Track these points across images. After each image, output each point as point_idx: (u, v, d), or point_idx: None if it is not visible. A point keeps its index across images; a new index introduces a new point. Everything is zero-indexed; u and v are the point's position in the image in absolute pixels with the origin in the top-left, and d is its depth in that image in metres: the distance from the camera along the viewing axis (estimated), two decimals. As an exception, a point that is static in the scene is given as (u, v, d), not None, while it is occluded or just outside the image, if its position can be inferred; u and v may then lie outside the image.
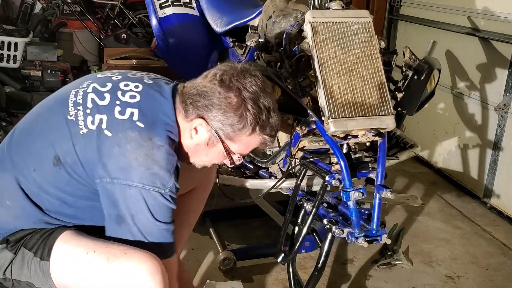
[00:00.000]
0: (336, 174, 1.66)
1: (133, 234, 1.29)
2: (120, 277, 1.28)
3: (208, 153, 1.41)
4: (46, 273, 1.32)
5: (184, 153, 1.43)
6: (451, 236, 2.74)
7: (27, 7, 4.83)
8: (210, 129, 1.35)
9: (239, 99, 1.32)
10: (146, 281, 1.26)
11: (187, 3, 2.89)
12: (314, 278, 1.76)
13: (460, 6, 3.27)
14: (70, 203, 1.38)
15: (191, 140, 1.39)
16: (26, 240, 1.35)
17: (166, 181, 1.29)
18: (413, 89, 1.89)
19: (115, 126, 1.31)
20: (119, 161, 1.28)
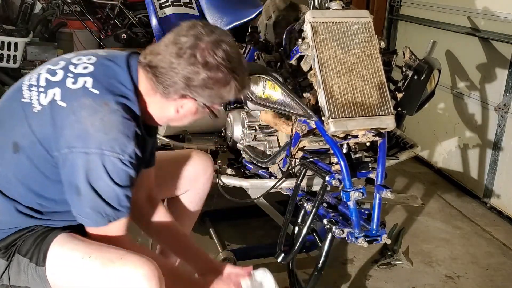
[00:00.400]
0: (336, 174, 1.66)
1: (92, 202, 1.28)
2: (116, 282, 1.27)
3: (194, 118, 1.43)
4: (43, 278, 1.31)
5: (165, 122, 1.45)
6: (451, 236, 2.74)
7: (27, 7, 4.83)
8: (197, 103, 1.36)
9: (224, 75, 1.30)
10: (142, 285, 1.25)
11: (187, 3, 2.89)
12: (314, 278, 1.76)
13: (460, 6, 3.27)
14: (38, 192, 1.35)
15: (178, 113, 1.38)
16: (18, 245, 1.34)
17: (125, 146, 1.26)
18: (413, 89, 1.89)
19: (69, 96, 1.29)
20: (75, 128, 1.25)
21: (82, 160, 1.24)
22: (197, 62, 1.28)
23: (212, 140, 2.58)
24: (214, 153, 2.49)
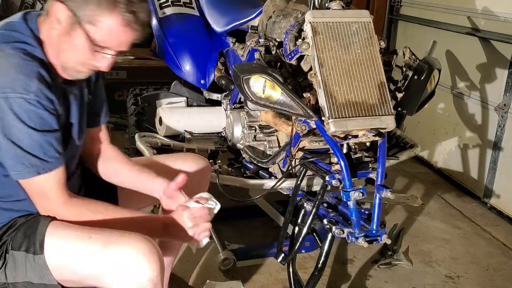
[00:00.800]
0: (336, 174, 1.66)
1: (11, 153, 1.25)
2: (117, 260, 1.26)
3: (71, 45, 1.28)
4: (43, 266, 1.30)
5: (56, 54, 1.32)
6: (451, 236, 2.74)
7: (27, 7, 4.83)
8: (67, 12, 1.24)
9: None
10: (142, 262, 1.24)
11: (187, 3, 2.89)
12: (314, 278, 1.76)
13: (460, 6, 3.27)
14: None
15: (54, 31, 1.28)
16: (7, 243, 1.33)
17: (28, 85, 1.22)
18: (413, 89, 1.89)
19: None
20: None
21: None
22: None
23: (212, 140, 2.59)
24: (214, 153, 2.49)
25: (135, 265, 1.25)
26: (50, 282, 1.31)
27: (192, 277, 2.25)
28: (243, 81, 1.67)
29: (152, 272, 1.25)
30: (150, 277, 1.25)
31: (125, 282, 1.25)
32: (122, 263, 1.25)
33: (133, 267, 1.25)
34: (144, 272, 1.25)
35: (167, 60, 2.79)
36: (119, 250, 1.26)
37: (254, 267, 2.33)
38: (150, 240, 1.29)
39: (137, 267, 1.25)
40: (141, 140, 2.35)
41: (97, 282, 1.31)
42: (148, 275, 1.25)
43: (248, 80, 1.67)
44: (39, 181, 1.30)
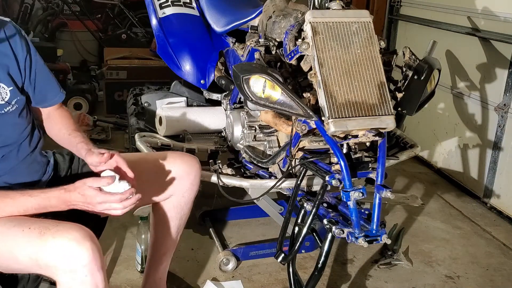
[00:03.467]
0: (336, 174, 1.66)
1: None
2: (52, 249, 1.28)
3: None
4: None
5: None
6: (451, 236, 2.74)
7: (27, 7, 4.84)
8: None
9: None
10: (74, 249, 1.27)
11: (187, 3, 2.89)
12: (314, 278, 1.76)
13: (460, 6, 3.27)
14: None
15: None
16: None
17: None
18: (413, 89, 1.89)
19: None
20: None
21: None
22: None
23: (212, 140, 2.59)
24: (214, 153, 2.49)
25: (67, 253, 1.27)
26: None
27: (192, 277, 2.25)
28: (243, 81, 1.67)
29: (85, 258, 1.27)
30: (83, 263, 1.27)
31: (62, 273, 1.28)
32: (54, 254, 1.27)
33: (65, 257, 1.27)
34: (78, 258, 1.27)
35: (167, 60, 2.79)
36: (54, 239, 1.28)
37: (254, 267, 2.33)
38: (83, 227, 1.31)
39: (70, 254, 1.27)
40: (141, 140, 2.35)
41: (37, 271, 1.34)
42: (82, 261, 1.27)
43: (248, 80, 1.67)
44: None
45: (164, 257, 1.93)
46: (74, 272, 1.27)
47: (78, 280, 1.28)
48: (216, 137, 2.60)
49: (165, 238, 1.88)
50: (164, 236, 1.88)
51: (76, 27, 5.33)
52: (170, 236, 1.87)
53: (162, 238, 1.89)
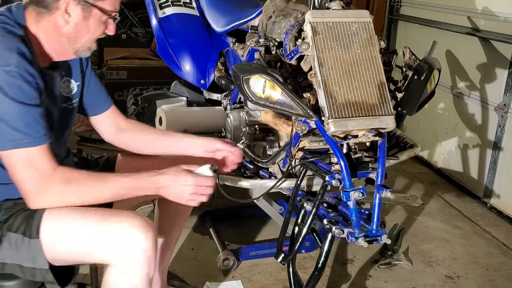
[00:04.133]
0: (336, 174, 1.65)
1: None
2: (112, 234, 1.31)
3: (89, 27, 1.41)
4: (38, 250, 1.33)
5: (71, 43, 1.43)
6: (451, 236, 2.74)
7: (27, 7, 4.83)
8: (78, 2, 1.36)
9: None
10: (137, 235, 1.30)
11: (187, 3, 2.89)
12: (314, 278, 1.76)
13: (460, 6, 3.27)
14: None
15: (68, 24, 1.38)
16: (8, 225, 1.36)
17: (8, 58, 1.26)
18: (413, 89, 1.88)
19: None
20: None
21: None
22: None
23: (212, 140, 2.58)
24: (214, 153, 2.49)
25: (130, 237, 1.30)
26: (41, 267, 1.35)
27: (192, 277, 2.25)
28: (243, 81, 1.67)
29: (146, 244, 1.31)
30: (144, 249, 1.31)
31: (121, 255, 1.31)
32: (118, 236, 1.31)
33: (128, 240, 1.30)
34: (139, 244, 1.30)
35: (167, 60, 2.79)
36: (115, 224, 1.32)
37: (254, 267, 2.33)
38: (144, 217, 1.35)
39: (132, 239, 1.30)
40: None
41: (93, 258, 1.36)
42: (143, 247, 1.30)
43: (248, 80, 1.67)
44: (24, 154, 1.28)
45: (168, 250, 1.98)
46: (133, 256, 1.31)
47: (136, 265, 1.31)
48: (216, 137, 2.60)
49: (170, 230, 1.92)
50: (169, 229, 1.92)
51: (76, 27, 5.32)
52: (174, 228, 1.92)
53: (167, 230, 1.92)
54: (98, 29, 1.44)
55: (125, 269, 1.32)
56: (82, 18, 1.39)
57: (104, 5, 1.40)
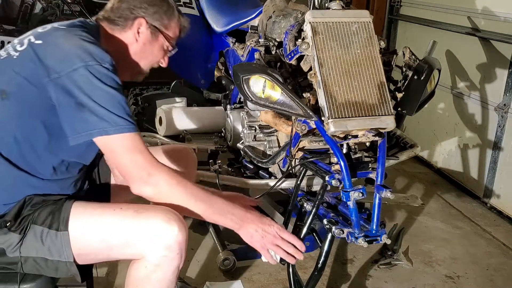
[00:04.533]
0: (336, 174, 1.66)
1: (96, 112, 1.31)
2: (147, 226, 1.34)
3: (153, 51, 1.58)
4: (65, 243, 1.36)
5: (133, 62, 1.58)
6: (451, 236, 2.74)
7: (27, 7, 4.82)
8: (149, 26, 1.54)
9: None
10: (171, 227, 1.34)
11: (187, 3, 2.89)
12: (314, 278, 1.76)
13: (460, 6, 3.27)
14: (32, 144, 1.40)
15: (137, 43, 1.55)
16: (32, 218, 1.38)
17: (104, 56, 1.36)
18: (413, 89, 1.89)
19: (42, 35, 1.42)
20: (57, 55, 1.35)
21: (72, 79, 1.31)
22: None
23: (212, 140, 2.59)
24: (214, 153, 2.49)
25: (164, 229, 1.34)
26: (66, 259, 1.37)
27: (192, 277, 2.25)
28: (243, 81, 1.67)
29: (180, 235, 1.34)
30: (178, 240, 1.34)
31: (154, 245, 1.34)
32: (153, 230, 1.34)
33: (162, 231, 1.34)
34: (173, 235, 1.34)
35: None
36: (149, 217, 1.35)
37: (254, 267, 2.33)
38: (176, 213, 1.38)
39: (166, 231, 1.34)
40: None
41: (125, 252, 1.39)
42: (177, 238, 1.34)
43: (248, 80, 1.67)
44: (129, 138, 1.34)
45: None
46: (169, 249, 1.34)
47: (170, 257, 1.35)
48: (216, 137, 2.60)
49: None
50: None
51: (76, 27, 5.32)
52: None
53: None
54: (158, 55, 1.60)
55: (159, 262, 1.35)
56: (149, 41, 1.56)
57: (169, 33, 1.59)
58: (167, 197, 1.39)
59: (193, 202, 1.41)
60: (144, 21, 1.53)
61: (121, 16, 1.53)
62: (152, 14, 1.54)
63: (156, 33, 1.56)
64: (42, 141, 1.40)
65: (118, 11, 1.53)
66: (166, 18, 1.57)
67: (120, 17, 1.53)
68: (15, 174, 1.40)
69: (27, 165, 1.41)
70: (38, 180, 1.44)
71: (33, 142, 1.40)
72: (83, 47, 1.35)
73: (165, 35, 1.57)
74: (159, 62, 1.63)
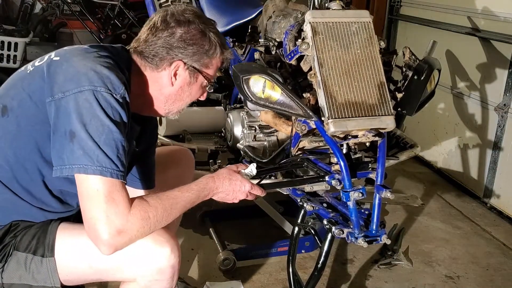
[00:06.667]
0: (336, 174, 1.66)
1: (84, 145, 1.18)
2: (138, 249, 1.28)
3: (191, 91, 1.47)
4: (51, 269, 1.29)
5: (167, 103, 1.47)
6: (451, 236, 2.74)
7: (27, 7, 4.83)
8: (187, 67, 1.41)
9: (198, 28, 1.40)
10: (164, 249, 1.30)
11: (187, 3, 2.89)
12: (314, 278, 1.76)
13: (460, 6, 3.27)
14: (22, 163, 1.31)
15: (173, 86, 1.43)
16: (15, 243, 1.31)
17: (117, 86, 1.26)
18: (413, 89, 1.88)
19: (62, 53, 1.34)
20: (68, 72, 1.25)
21: (75, 101, 1.21)
22: (170, 25, 1.38)
23: (212, 140, 2.59)
24: (214, 153, 2.49)
25: (156, 252, 1.29)
26: (52, 285, 1.30)
27: (192, 277, 2.25)
28: (243, 81, 1.67)
29: (173, 258, 1.31)
30: (171, 264, 1.31)
31: (146, 270, 1.29)
32: (143, 252, 1.28)
33: (154, 255, 1.29)
34: (165, 258, 1.30)
35: (167, 60, 2.78)
36: (142, 240, 1.27)
37: (254, 267, 2.33)
38: (168, 231, 1.33)
39: (158, 254, 1.29)
40: (141, 140, 2.35)
41: (116, 275, 1.33)
42: (169, 261, 1.30)
43: (248, 80, 1.67)
44: (108, 184, 1.19)
45: None
46: (160, 271, 1.30)
47: (162, 279, 1.31)
48: (216, 137, 2.60)
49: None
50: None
51: (76, 27, 5.33)
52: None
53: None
54: (196, 94, 1.50)
55: (151, 285, 1.31)
56: (187, 83, 1.44)
57: (209, 72, 1.46)
58: (144, 236, 1.27)
59: (169, 218, 1.30)
60: (182, 63, 1.40)
61: (156, 55, 1.39)
62: (192, 55, 1.40)
63: (195, 74, 1.43)
64: (34, 165, 1.31)
65: (153, 47, 1.39)
66: (207, 58, 1.43)
67: (155, 56, 1.39)
68: (6, 197, 1.32)
69: (21, 189, 1.33)
70: (30, 207, 1.35)
71: (26, 165, 1.31)
72: (97, 70, 1.25)
73: (205, 74, 1.45)
74: (196, 99, 1.53)
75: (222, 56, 1.48)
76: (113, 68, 1.29)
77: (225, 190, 1.46)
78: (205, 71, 1.45)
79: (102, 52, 1.34)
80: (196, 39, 1.39)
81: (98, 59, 1.29)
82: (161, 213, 1.27)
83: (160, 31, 1.39)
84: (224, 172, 1.48)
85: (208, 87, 1.50)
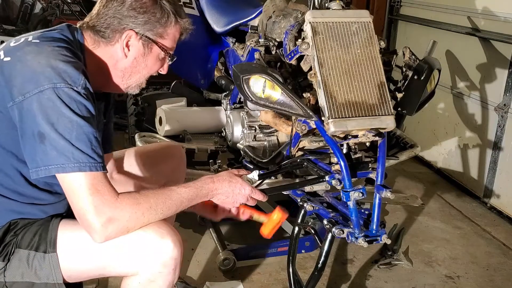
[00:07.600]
0: (336, 174, 1.66)
1: (57, 145, 1.18)
2: (141, 243, 1.28)
3: (146, 63, 1.42)
4: (54, 265, 1.29)
5: (124, 78, 1.43)
6: (451, 236, 2.74)
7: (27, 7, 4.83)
8: (140, 37, 1.36)
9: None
10: (166, 242, 1.29)
11: (187, 3, 2.89)
12: (314, 278, 1.76)
13: (460, 6, 3.27)
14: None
15: (127, 58, 1.39)
16: (16, 242, 1.31)
17: (76, 78, 1.22)
18: (413, 89, 1.88)
19: (12, 50, 1.28)
20: (24, 74, 1.22)
21: (37, 102, 1.18)
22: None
23: (212, 140, 2.59)
24: (214, 153, 2.49)
25: (158, 245, 1.28)
26: (55, 281, 1.31)
27: (192, 277, 2.25)
28: (243, 81, 1.67)
29: (175, 250, 1.30)
30: (173, 256, 1.30)
31: (149, 263, 1.29)
32: (145, 245, 1.28)
33: (156, 248, 1.28)
34: (168, 251, 1.29)
35: (167, 60, 2.78)
36: (142, 233, 1.27)
37: (254, 267, 2.33)
38: (169, 224, 1.33)
39: (161, 247, 1.28)
40: (141, 140, 2.35)
41: (118, 269, 1.32)
42: (172, 254, 1.29)
43: (248, 80, 1.67)
44: (89, 178, 1.20)
45: None
46: (163, 264, 1.29)
47: (164, 273, 1.30)
48: (216, 137, 2.60)
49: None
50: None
51: (76, 27, 5.32)
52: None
53: None
54: (154, 67, 1.44)
55: (154, 278, 1.30)
56: (141, 53, 1.39)
57: (164, 43, 1.41)
58: (137, 227, 1.27)
59: (164, 212, 1.30)
60: (133, 33, 1.35)
61: (108, 27, 1.35)
62: (143, 24, 1.35)
63: (149, 44, 1.38)
64: (13, 168, 1.30)
65: (104, 19, 1.35)
66: (161, 27, 1.38)
67: (107, 28, 1.35)
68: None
69: (8, 191, 1.32)
70: (22, 205, 1.35)
71: (5, 170, 1.30)
72: (53, 66, 1.21)
73: (160, 45, 1.40)
74: (156, 73, 1.49)
75: (178, 25, 1.42)
76: (68, 59, 1.25)
77: (224, 192, 1.44)
78: (160, 41, 1.39)
79: (54, 43, 1.29)
80: (147, 6, 1.35)
81: (52, 53, 1.25)
82: (154, 201, 1.27)
83: (111, 2, 1.35)
84: (225, 174, 1.47)
85: (168, 59, 1.46)
